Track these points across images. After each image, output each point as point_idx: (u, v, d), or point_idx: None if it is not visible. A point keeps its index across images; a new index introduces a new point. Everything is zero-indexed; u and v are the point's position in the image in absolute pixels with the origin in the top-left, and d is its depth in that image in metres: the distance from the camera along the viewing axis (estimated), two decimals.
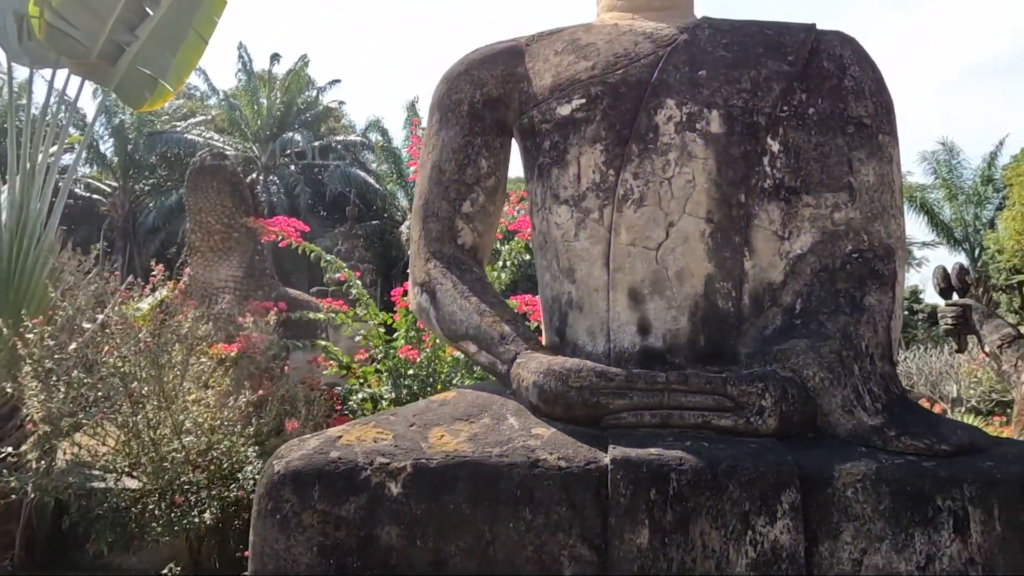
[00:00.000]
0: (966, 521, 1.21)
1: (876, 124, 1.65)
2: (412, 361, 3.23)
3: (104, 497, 2.58)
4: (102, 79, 3.63)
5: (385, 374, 3.47)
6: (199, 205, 4.13)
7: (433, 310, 1.67)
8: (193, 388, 2.79)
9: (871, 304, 1.51)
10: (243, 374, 2.81)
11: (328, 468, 1.25)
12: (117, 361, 2.51)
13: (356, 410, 3.21)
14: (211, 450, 2.58)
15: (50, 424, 2.45)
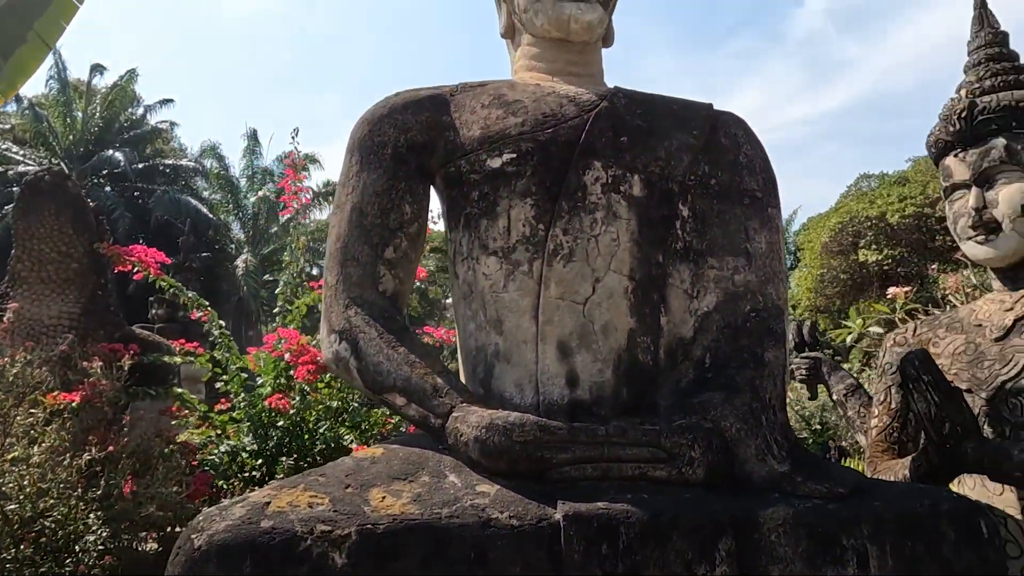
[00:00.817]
0: (866, 556, 1.35)
1: (766, 197, 1.85)
2: (283, 411, 3.00)
3: None
4: None
5: (247, 424, 3.18)
6: (31, 230, 3.52)
7: (354, 360, 1.58)
8: (16, 444, 2.36)
9: (770, 359, 1.66)
10: (83, 427, 2.42)
11: (261, 540, 1.12)
12: None
13: (218, 464, 2.90)
14: (41, 518, 2.18)
15: None
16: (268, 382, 3.21)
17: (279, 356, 3.04)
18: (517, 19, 2.00)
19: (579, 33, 1.90)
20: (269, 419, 3.16)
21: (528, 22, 1.93)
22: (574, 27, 1.87)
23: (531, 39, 1.98)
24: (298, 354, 2.90)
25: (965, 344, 1.88)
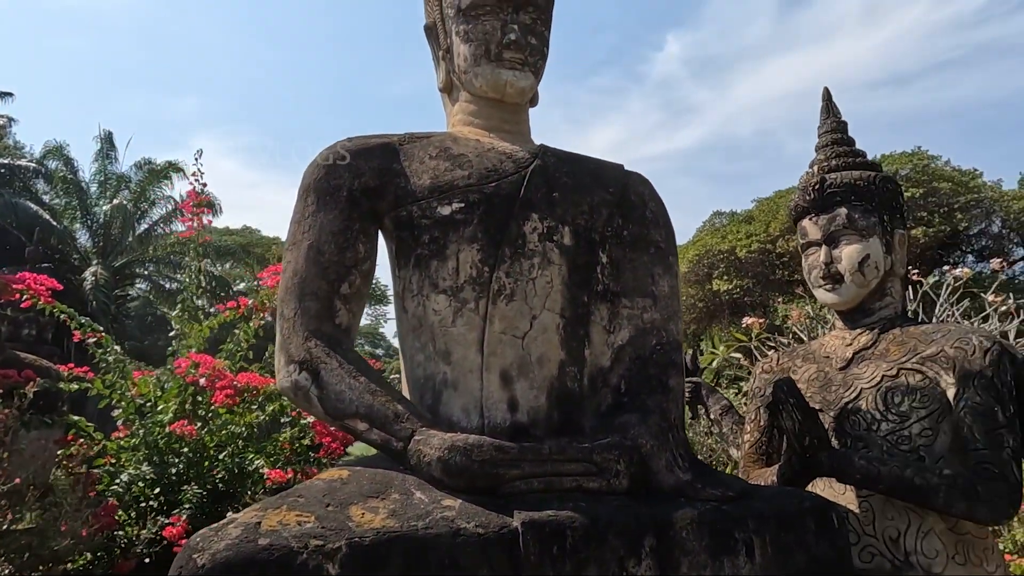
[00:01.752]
0: (752, 547, 1.67)
1: (668, 248, 2.18)
2: (190, 436, 2.93)
3: None
4: None
5: (143, 452, 3.08)
6: None
7: (315, 388, 1.70)
8: None
9: (673, 386, 1.98)
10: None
11: (261, 556, 1.24)
12: None
13: (123, 494, 2.78)
14: None
15: None
16: (169, 408, 3.13)
17: (193, 381, 2.99)
18: (456, 78, 2.21)
19: (513, 96, 2.15)
20: (169, 446, 3.09)
21: (468, 82, 2.16)
22: (509, 91, 2.12)
23: (469, 97, 2.20)
24: (214, 379, 2.88)
25: (817, 372, 2.32)
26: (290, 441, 3.49)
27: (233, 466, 3.15)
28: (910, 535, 1.98)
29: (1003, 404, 1.92)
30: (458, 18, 2.15)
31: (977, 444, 1.90)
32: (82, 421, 3.08)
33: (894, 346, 2.15)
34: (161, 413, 3.09)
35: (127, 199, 17.42)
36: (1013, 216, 17.89)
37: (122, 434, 3.05)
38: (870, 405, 2.09)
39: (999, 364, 1.96)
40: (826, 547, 1.77)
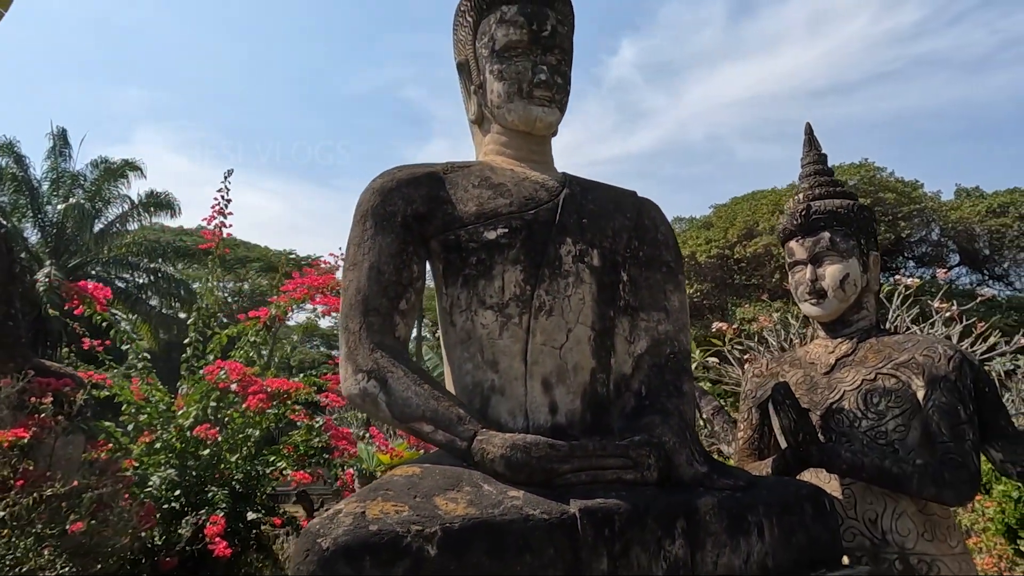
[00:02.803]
0: (762, 529, 1.95)
1: (677, 267, 2.46)
2: (212, 439, 3.06)
3: None
4: None
5: (164, 456, 3.20)
6: None
7: (383, 395, 1.91)
8: None
9: (687, 390, 2.25)
10: (36, 465, 2.35)
11: (374, 539, 1.45)
12: None
13: (159, 498, 2.90)
14: None
15: None
16: (190, 412, 3.26)
17: (225, 387, 3.13)
18: (488, 111, 2.44)
19: (542, 129, 2.39)
20: (187, 450, 3.22)
21: (500, 116, 2.39)
22: (539, 125, 2.37)
23: (501, 129, 2.43)
24: (246, 384, 3.03)
25: (803, 376, 2.63)
26: (298, 444, 3.65)
27: (251, 468, 3.30)
28: (886, 517, 2.30)
29: (964, 404, 2.26)
30: (492, 58, 2.38)
31: (943, 437, 2.22)
32: (112, 427, 3.18)
33: (871, 354, 2.47)
34: (182, 418, 3.22)
35: (82, 198, 16.94)
36: (950, 225, 19.06)
37: (147, 439, 3.17)
38: (852, 405, 2.41)
39: (961, 370, 2.29)
40: (821, 528, 2.07)
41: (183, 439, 3.18)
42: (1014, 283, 22.35)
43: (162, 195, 18.03)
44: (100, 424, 3.12)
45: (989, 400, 2.34)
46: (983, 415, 2.31)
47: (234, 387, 3.12)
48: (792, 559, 1.97)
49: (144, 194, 17.91)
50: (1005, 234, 20.23)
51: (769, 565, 1.92)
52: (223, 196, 3.99)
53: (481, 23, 2.44)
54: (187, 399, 3.26)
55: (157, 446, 3.17)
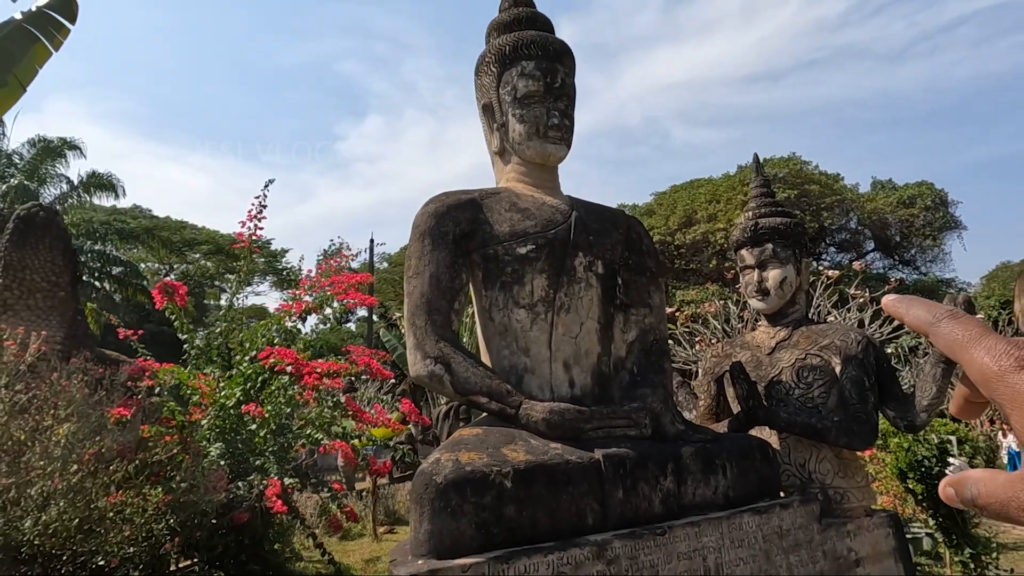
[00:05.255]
0: (726, 470, 2.64)
1: (658, 271, 3.12)
2: (259, 416, 3.53)
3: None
4: None
5: (215, 432, 3.66)
6: (24, 261, 3.43)
7: (448, 375, 2.49)
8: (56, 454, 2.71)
9: (667, 368, 2.93)
10: (128, 439, 2.80)
11: (470, 476, 2.05)
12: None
13: (216, 466, 3.37)
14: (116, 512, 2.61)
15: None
16: (234, 394, 3.74)
17: (281, 370, 3.62)
18: (509, 146, 3.03)
19: (554, 162, 3.00)
20: (235, 425, 3.71)
21: (520, 151, 2.98)
22: (552, 160, 2.97)
23: (520, 161, 3.02)
24: (299, 367, 3.54)
25: (751, 356, 3.35)
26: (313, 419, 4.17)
27: (285, 440, 3.81)
28: (811, 461, 3.06)
29: (868, 375, 3.02)
30: (514, 104, 2.96)
31: (853, 401, 2.98)
32: (174, 405, 3.61)
33: (803, 339, 3.22)
34: (226, 398, 3.67)
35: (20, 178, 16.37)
36: (866, 215, 20.76)
37: (198, 416, 3.61)
38: (788, 378, 3.14)
39: (867, 350, 3.06)
40: (767, 469, 2.79)
41: (226, 417, 3.65)
42: (920, 268, 24.56)
43: (105, 176, 17.63)
44: (166, 403, 3.55)
45: (886, 372, 3.12)
46: (882, 383, 3.09)
47: (289, 369, 3.61)
48: (747, 491, 2.68)
49: (85, 175, 17.47)
50: (913, 223, 22.19)
51: (731, 495, 2.62)
52: (260, 202, 4.38)
53: (504, 74, 3.02)
54: (230, 382, 3.72)
55: (204, 423, 3.63)
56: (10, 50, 3.28)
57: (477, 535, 2.02)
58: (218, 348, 3.96)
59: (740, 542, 2.50)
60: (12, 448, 2.50)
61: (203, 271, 24.07)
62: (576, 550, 2.11)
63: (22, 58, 3.32)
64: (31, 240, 3.77)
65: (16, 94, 3.35)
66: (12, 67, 3.29)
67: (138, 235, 18.70)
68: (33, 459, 2.54)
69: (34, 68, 3.43)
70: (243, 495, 3.23)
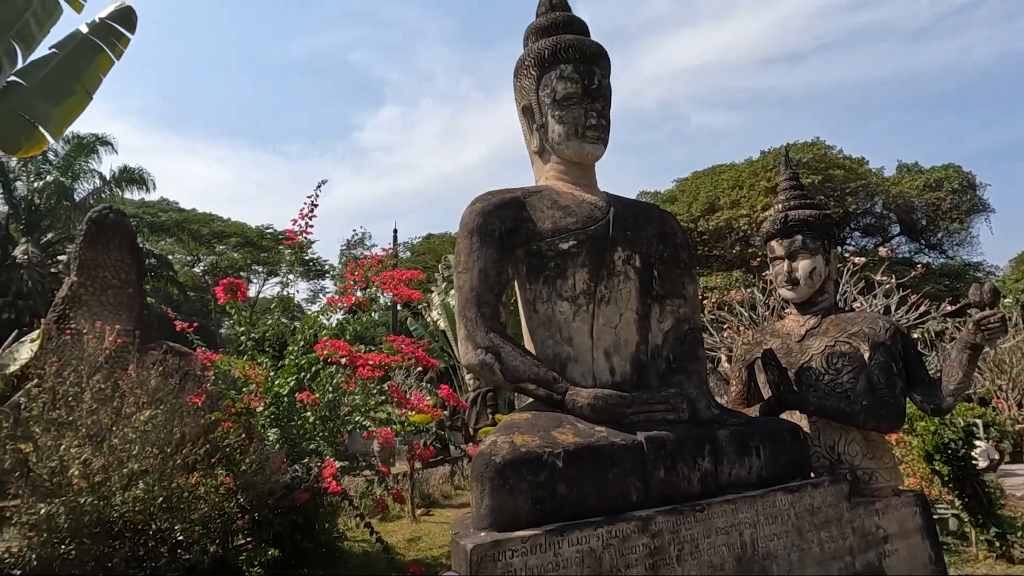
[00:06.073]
0: (759, 451, 2.80)
1: (691, 263, 3.27)
2: (313, 403, 3.75)
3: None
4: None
5: (270, 419, 3.89)
6: (97, 260, 3.70)
7: (498, 364, 2.67)
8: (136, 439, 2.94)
9: (701, 356, 3.08)
10: (192, 423, 3.03)
11: (526, 456, 2.23)
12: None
13: (277, 447, 3.60)
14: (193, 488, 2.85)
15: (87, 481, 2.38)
16: (287, 383, 3.96)
17: (336, 361, 3.83)
18: (549, 146, 3.18)
19: (591, 161, 3.15)
20: (289, 412, 3.93)
21: (560, 151, 3.13)
22: (590, 158, 3.12)
23: (559, 160, 3.17)
24: (352, 359, 3.75)
25: (781, 344, 3.49)
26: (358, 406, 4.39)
27: (334, 426, 4.02)
28: (840, 443, 3.20)
29: (895, 361, 3.15)
30: (554, 106, 3.11)
31: (881, 386, 3.11)
32: (233, 394, 3.84)
33: (832, 327, 3.35)
34: (280, 387, 3.90)
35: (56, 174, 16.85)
36: (892, 199, 20.56)
37: (255, 404, 3.84)
38: (817, 365, 3.28)
39: (894, 337, 3.18)
40: (797, 451, 2.93)
41: (280, 404, 3.87)
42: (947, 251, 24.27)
43: (135, 171, 18.05)
44: (227, 392, 3.78)
45: (913, 358, 3.24)
46: (909, 369, 3.21)
47: (343, 360, 3.82)
48: (779, 472, 2.83)
49: (117, 169, 17.91)
50: (940, 207, 21.92)
51: (764, 475, 2.78)
52: (312, 201, 4.56)
53: (543, 77, 3.16)
54: (282, 372, 3.94)
55: (260, 409, 3.85)
56: (78, 61, 3.49)
57: (533, 510, 2.21)
58: (270, 340, 4.18)
59: (774, 519, 2.66)
60: (100, 433, 2.74)
61: (231, 262, 24.61)
62: (623, 524, 2.29)
63: (88, 68, 3.54)
64: (102, 240, 4.03)
65: (84, 102, 3.57)
66: (80, 77, 3.51)
67: (168, 228, 19.14)
68: (117, 442, 2.78)
69: (99, 77, 3.64)
70: (301, 476, 3.46)
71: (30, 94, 3.30)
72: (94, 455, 2.71)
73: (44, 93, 3.35)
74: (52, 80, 3.36)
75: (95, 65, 3.52)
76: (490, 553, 2.06)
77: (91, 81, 3.50)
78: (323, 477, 3.38)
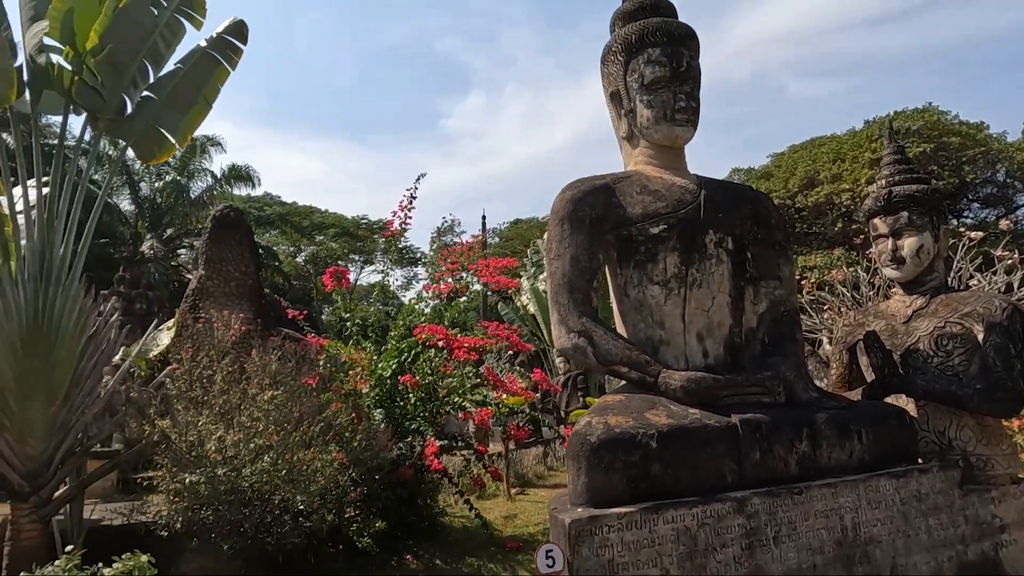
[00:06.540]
0: (861, 435, 2.73)
1: (786, 244, 3.20)
2: (414, 385, 3.98)
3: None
4: (117, 133, 3.65)
5: (375, 400, 4.16)
6: (222, 255, 4.19)
7: (591, 347, 2.74)
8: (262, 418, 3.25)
9: (798, 338, 3.03)
10: (308, 403, 3.32)
11: (620, 437, 2.31)
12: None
13: (381, 430, 3.87)
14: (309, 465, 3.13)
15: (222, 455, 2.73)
16: (388, 367, 4.21)
17: (433, 345, 4.04)
18: (637, 131, 3.19)
19: (681, 144, 3.14)
20: (391, 393, 4.17)
21: (648, 135, 3.14)
22: (679, 141, 3.12)
23: (648, 144, 3.18)
24: (449, 342, 3.95)
25: (886, 325, 3.36)
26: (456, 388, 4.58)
27: (434, 407, 4.24)
28: (952, 428, 3.06)
29: (1014, 343, 2.97)
30: (642, 90, 3.12)
31: (997, 368, 2.95)
32: (342, 376, 4.15)
33: (941, 307, 3.19)
34: (382, 370, 4.15)
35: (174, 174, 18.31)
36: (1016, 166, 18.75)
37: (361, 386, 4.12)
38: (926, 347, 3.14)
39: (1012, 317, 3.00)
40: (903, 436, 2.84)
41: (383, 386, 4.12)
42: None
43: (242, 168, 19.32)
44: (336, 374, 4.08)
45: None
46: None
47: (440, 343, 4.03)
48: (882, 456, 2.75)
49: (226, 168, 19.22)
50: None
51: (866, 459, 2.71)
52: (411, 194, 4.78)
53: (631, 62, 3.17)
54: (385, 356, 4.19)
55: (365, 390, 4.12)
56: (199, 74, 3.83)
57: (627, 488, 2.28)
58: (372, 327, 4.44)
59: (877, 504, 2.60)
60: (230, 412, 3.04)
61: (330, 252, 25.89)
62: (718, 504, 2.33)
63: (208, 80, 3.87)
64: (225, 236, 4.44)
65: (205, 111, 3.91)
66: (202, 88, 3.84)
67: (272, 221, 20.34)
68: (245, 419, 3.08)
69: (217, 87, 3.97)
70: (405, 454, 3.69)
71: (160, 107, 3.66)
72: (227, 431, 3.01)
73: (172, 105, 3.70)
74: (178, 93, 3.72)
75: (214, 76, 3.84)
76: (587, 528, 2.16)
77: (211, 91, 3.83)
78: (425, 455, 3.59)
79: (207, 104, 3.83)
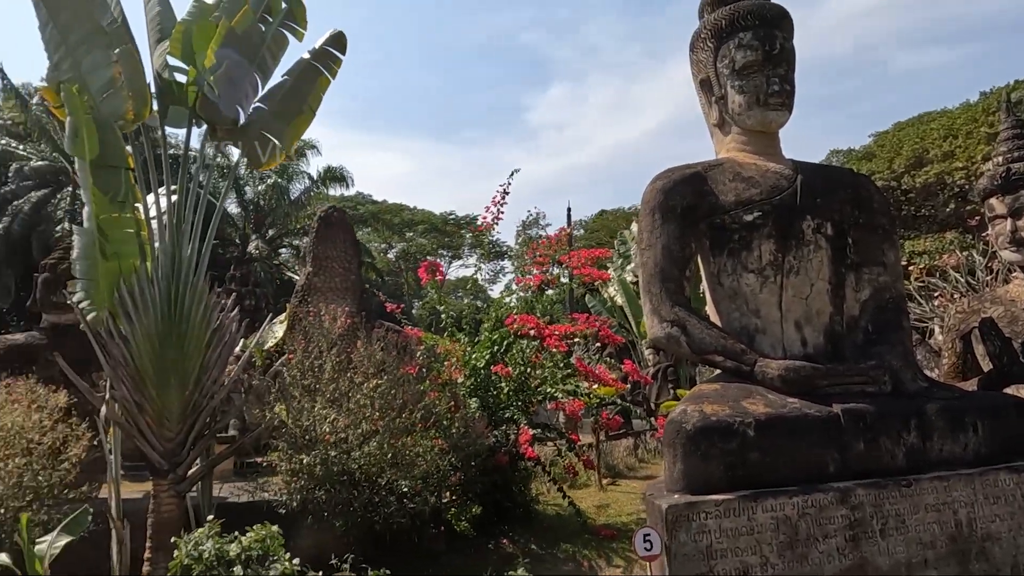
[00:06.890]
0: (976, 427, 2.60)
1: (890, 228, 3.07)
2: (507, 376, 4.11)
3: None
4: (233, 142, 4.02)
5: (470, 389, 4.32)
6: (327, 253, 4.57)
7: (684, 337, 2.75)
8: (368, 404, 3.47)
9: (905, 326, 2.91)
10: (409, 391, 3.52)
11: (716, 425, 2.32)
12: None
13: (477, 418, 4.04)
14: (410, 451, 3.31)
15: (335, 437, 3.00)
16: (481, 357, 4.35)
17: (525, 334, 4.17)
18: (729, 117, 3.14)
19: (775, 128, 3.07)
20: (485, 383, 4.31)
21: (741, 121, 3.09)
22: (773, 126, 3.05)
23: (740, 131, 3.13)
24: (540, 331, 4.05)
25: (1005, 311, 3.16)
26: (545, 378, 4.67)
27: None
28: None
29: None
30: (732, 76, 3.07)
31: None
32: (439, 366, 4.35)
33: None
34: (476, 360, 4.30)
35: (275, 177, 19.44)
36: None
37: (457, 376, 4.30)
38: None
39: None
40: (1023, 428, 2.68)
41: (477, 376, 4.27)
42: None
43: (337, 169, 20.23)
44: (435, 364, 4.28)
45: None
46: None
47: (532, 332, 4.14)
48: (999, 450, 2.60)
49: (322, 169, 20.17)
50: None
51: (982, 452, 2.58)
52: (504, 189, 4.91)
53: (721, 48, 3.13)
54: (478, 347, 4.34)
55: (460, 380, 4.28)
56: (304, 84, 4.09)
57: (724, 476, 2.29)
58: (465, 318, 4.59)
59: (995, 499, 2.48)
60: (339, 399, 3.27)
61: (419, 248, 26.70)
62: (820, 495, 2.29)
63: (312, 89, 4.13)
64: (329, 235, 4.75)
65: (309, 119, 4.17)
66: (307, 97, 4.11)
67: (365, 219, 21.16)
68: (353, 406, 3.29)
69: (320, 96, 4.23)
70: (500, 441, 3.81)
71: (270, 116, 3.95)
72: (338, 416, 3.23)
73: (280, 114, 3.98)
74: (285, 103, 3.99)
75: (317, 86, 4.09)
76: (684, 513, 2.19)
77: (314, 100, 4.09)
78: (519, 443, 3.69)
79: (311, 112, 4.08)
